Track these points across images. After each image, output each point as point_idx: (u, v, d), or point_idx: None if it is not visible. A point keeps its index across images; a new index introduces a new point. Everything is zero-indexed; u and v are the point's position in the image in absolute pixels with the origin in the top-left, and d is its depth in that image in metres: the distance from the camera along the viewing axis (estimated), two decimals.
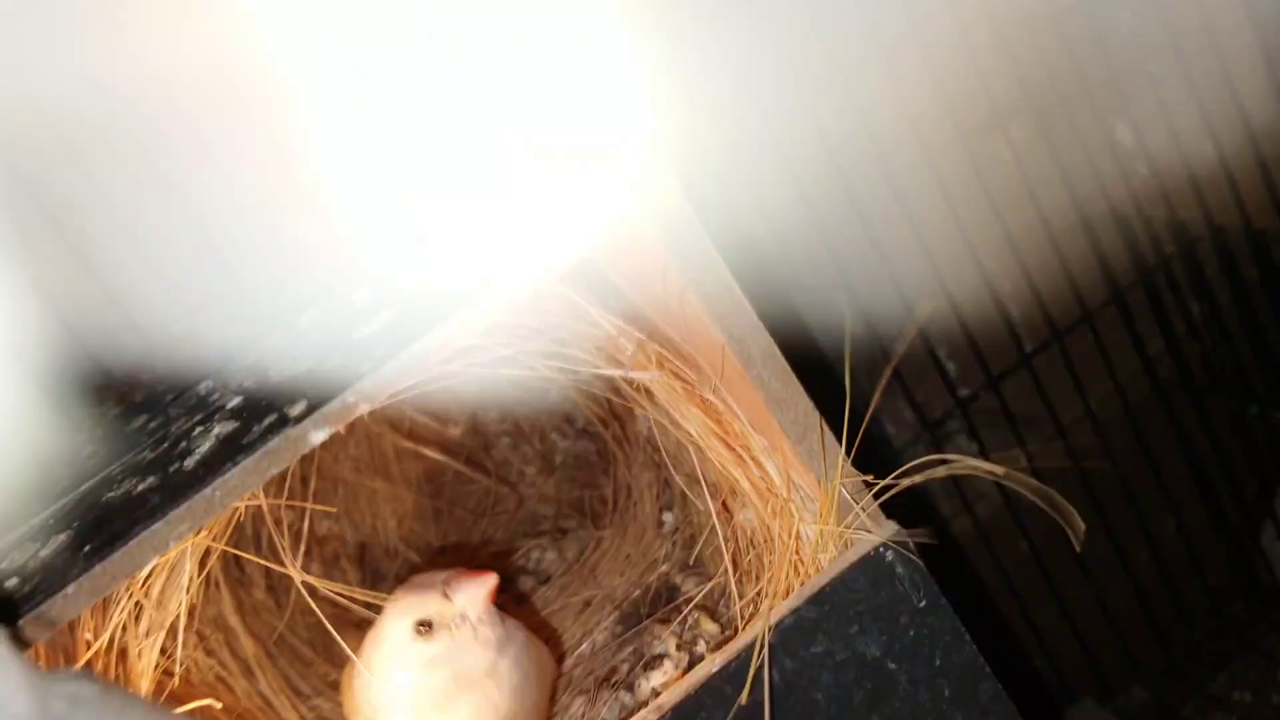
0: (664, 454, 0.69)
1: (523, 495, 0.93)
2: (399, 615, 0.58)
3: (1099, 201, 1.07)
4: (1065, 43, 0.96)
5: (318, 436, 0.44)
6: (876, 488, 0.51)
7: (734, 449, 0.56)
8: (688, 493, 0.70)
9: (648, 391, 0.58)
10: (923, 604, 0.49)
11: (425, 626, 0.57)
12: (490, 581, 0.59)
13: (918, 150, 1.02)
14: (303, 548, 0.68)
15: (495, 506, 0.94)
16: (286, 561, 0.55)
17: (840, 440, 0.51)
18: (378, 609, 0.61)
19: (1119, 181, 1.02)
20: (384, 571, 0.88)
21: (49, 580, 0.44)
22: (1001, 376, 1.10)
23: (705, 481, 0.62)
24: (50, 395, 0.70)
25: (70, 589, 0.42)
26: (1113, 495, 1.14)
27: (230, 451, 0.46)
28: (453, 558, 0.88)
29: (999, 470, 0.50)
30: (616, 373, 0.55)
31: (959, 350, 1.09)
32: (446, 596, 0.58)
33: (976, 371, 1.10)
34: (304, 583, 0.56)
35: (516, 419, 0.98)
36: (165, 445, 0.53)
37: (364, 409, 0.45)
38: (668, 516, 0.76)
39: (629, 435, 0.82)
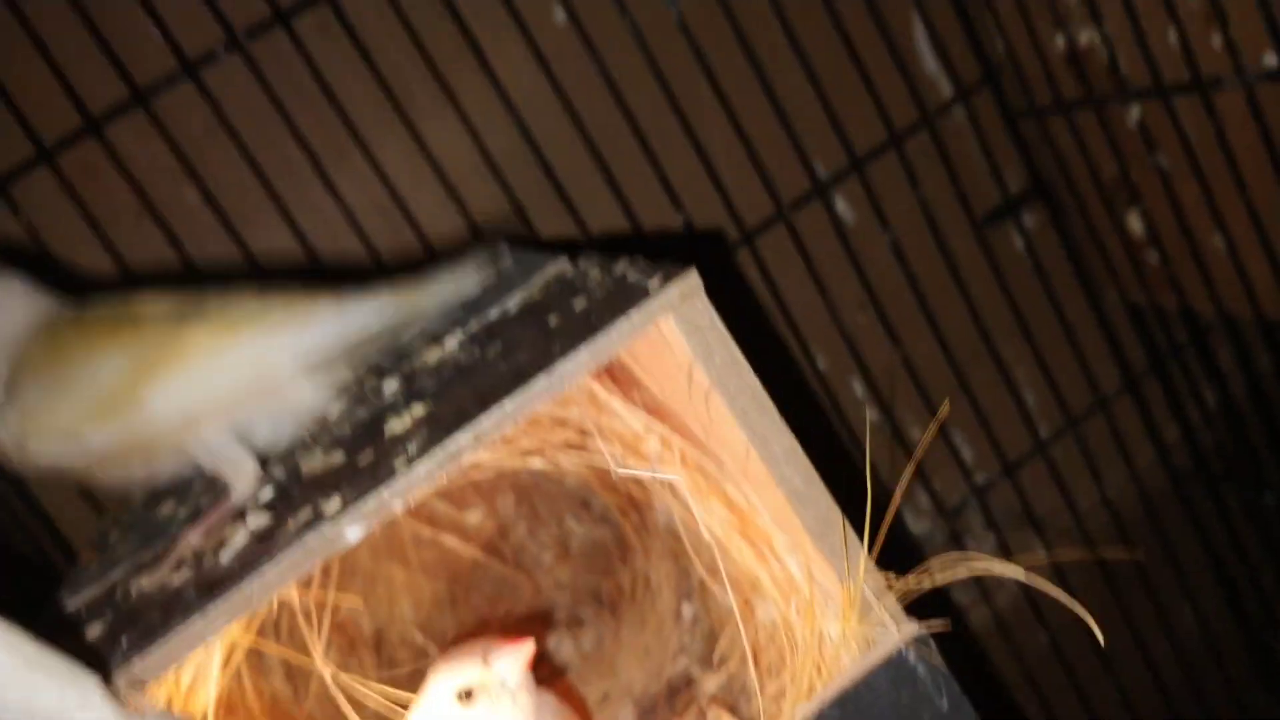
0: (684, 545, 0.69)
1: (539, 583, 0.93)
2: (441, 683, 0.59)
3: (1111, 289, 1.09)
4: (1074, 133, 0.99)
5: (354, 535, 0.45)
6: (898, 587, 0.51)
7: (755, 545, 0.57)
8: (708, 583, 0.70)
9: (669, 484, 0.59)
10: (946, 706, 0.49)
11: (467, 695, 0.58)
12: (528, 649, 0.60)
13: (929, 237, 1.04)
14: (325, 638, 0.68)
15: (512, 594, 0.94)
16: (315, 656, 0.55)
17: (861, 538, 0.52)
18: (403, 706, 0.61)
19: (1130, 270, 1.03)
20: (400, 659, 0.88)
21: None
22: (1018, 464, 1.11)
23: (726, 574, 0.63)
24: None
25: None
26: (1131, 585, 1.13)
27: (265, 546, 0.47)
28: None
29: (1019, 572, 0.50)
30: (644, 473, 0.56)
31: (975, 436, 1.10)
32: (486, 664, 0.59)
33: (992, 459, 1.11)
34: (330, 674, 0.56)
35: (532, 503, 0.99)
36: None
37: (398, 507, 0.46)
38: (686, 608, 0.76)
39: (647, 524, 0.83)
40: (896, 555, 0.54)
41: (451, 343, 0.63)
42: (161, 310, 0.54)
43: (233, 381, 0.53)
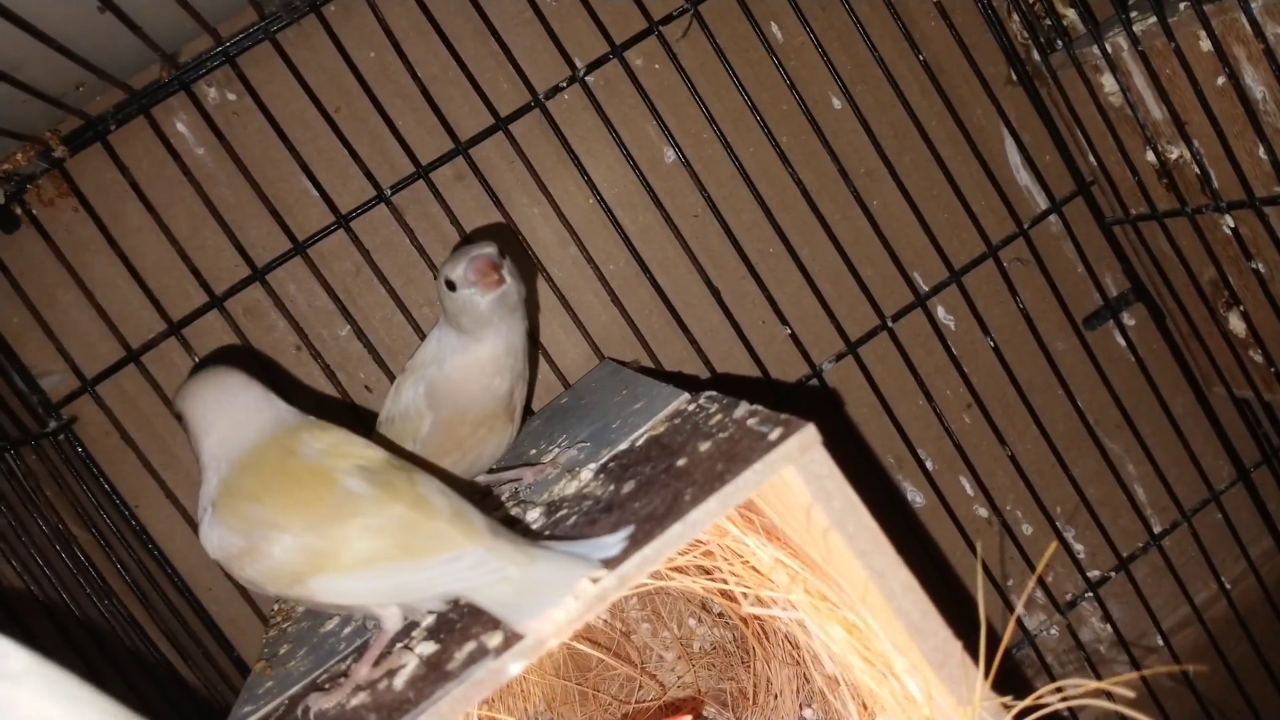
0: (803, 654, 0.73)
1: (664, 684, 0.98)
2: None
3: (1217, 385, 1.10)
4: (1169, 239, 1.01)
5: (516, 668, 0.51)
6: (1015, 710, 0.55)
7: (874, 665, 0.61)
8: (827, 694, 0.74)
9: (790, 603, 0.64)
10: None
11: None
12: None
13: (1031, 340, 1.07)
14: None
15: (639, 693, 0.99)
16: None
17: (976, 660, 0.56)
18: None
19: (1235, 366, 1.04)
20: None
21: None
22: (1132, 558, 1.12)
23: (846, 684, 0.67)
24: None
25: None
26: (1253, 676, 1.12)
27: (436, 676, 0.54)
28: None
29: (1128, 695, 0.53)
30: (773, 612, 0.61)
31: (1087, 532, 1.11)
32: None
33: (1106, 552, 1.12)
34: None
35: (655, 605, 1.04)
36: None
37: (554, 641, 0.52)
38: (809, 714, 0.80)
39: (767, 631, 0.87)
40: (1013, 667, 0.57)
41: (586, 474, 0.69)
42: (345, 469, 0.61)
43: (381, 593, 0.59)
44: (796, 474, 0.54)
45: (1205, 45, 0.85)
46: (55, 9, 0.72)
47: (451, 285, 0.75)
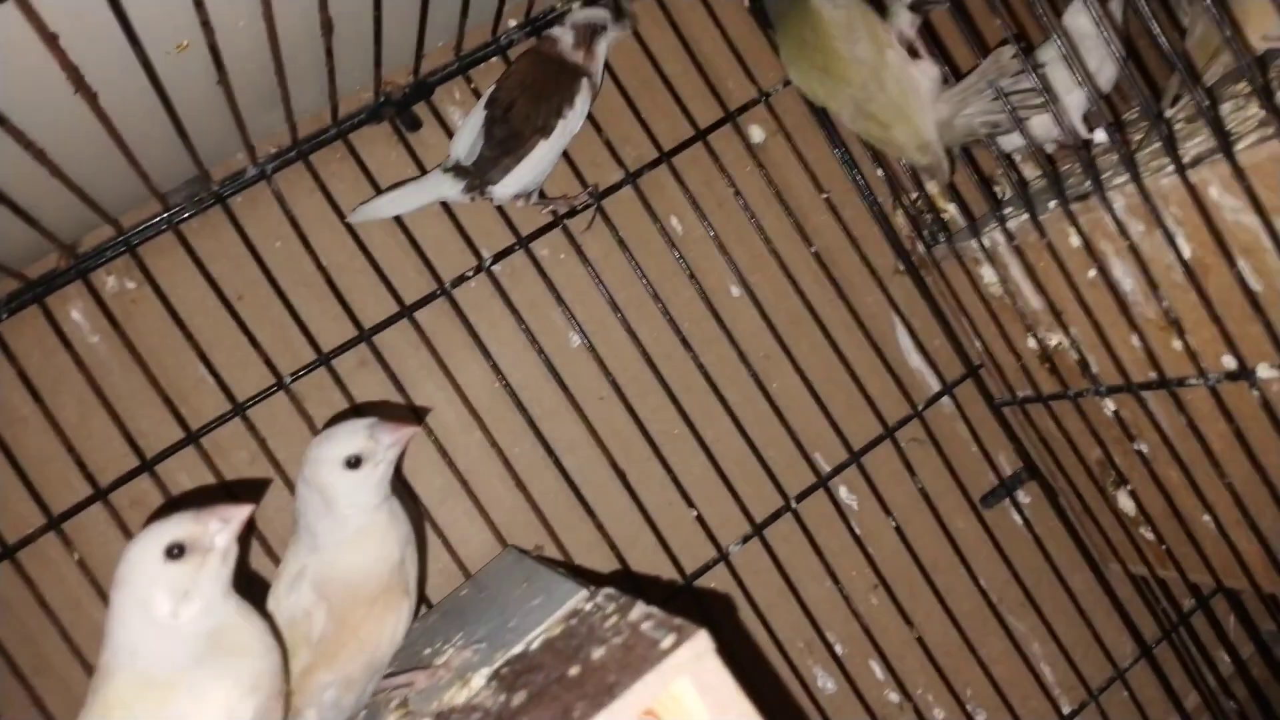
0: None
1: None
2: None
3: (1113, 562, 1.12)
4: (1056, 420, 1.05)
5: None
6: None
7: None
8: None
9: None
10: None
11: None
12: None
13: (931, 519, 1.09)
14: None
15: None
16: None
17: None
18: None
19: (1129, 544, 1.07)
20: None
21: None
22: None
23: None
24: None
25: None
26: None
27: None
28: None
29: None
30: None
31: (998, 714, 1.10)
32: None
33: None
34: None
35: None
36: None
37: None
38: None
39: None
40: None
41: (478, 680, 0.66)
42: None
43: None
44: (690, 684, 0.53)
45: (1075, 241, 0.91)
46: None
47: (355, 462, 0.73)
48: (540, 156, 0.96)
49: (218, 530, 0.63)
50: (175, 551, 0.61)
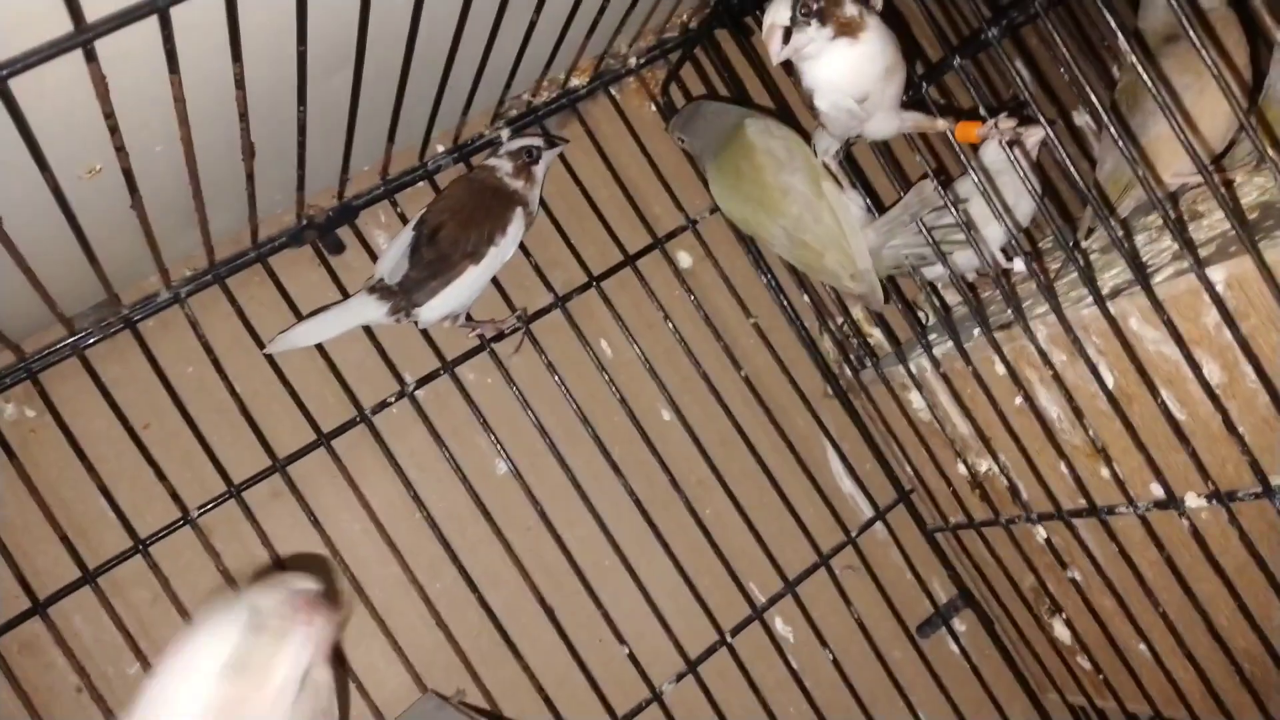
0: None
1: None
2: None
3: (1051, 691, 1.10)
4: (989, 547, 1.04)
5: None
6: None
7: None
8: None
9: None
10: None
11: None
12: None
13: (868, 649, 1.06)
14: None
15: None
16: None
17: None
18: None
19: (1065, 673, 1.05)
20: None
21: None
22: None
23: None
24: None
25: None
26: None
27: None
28: None
29: None
30: None
31: None
32: None
33: None
34: None
35: None
36: None
37: None
38: None
39: None
40: None
41: None
42: None
43: None
44: None
45: (1000, 369, 0.91)
46: None
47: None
48: (469, 282, 0.94)
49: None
50: None
